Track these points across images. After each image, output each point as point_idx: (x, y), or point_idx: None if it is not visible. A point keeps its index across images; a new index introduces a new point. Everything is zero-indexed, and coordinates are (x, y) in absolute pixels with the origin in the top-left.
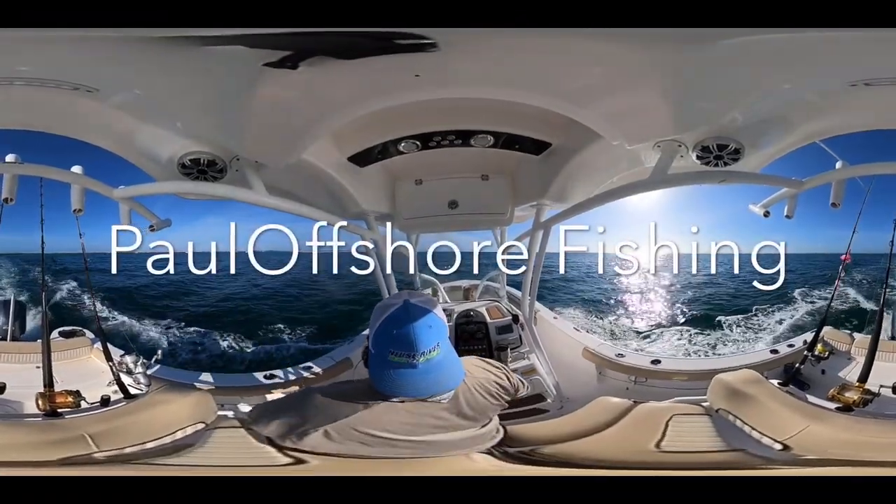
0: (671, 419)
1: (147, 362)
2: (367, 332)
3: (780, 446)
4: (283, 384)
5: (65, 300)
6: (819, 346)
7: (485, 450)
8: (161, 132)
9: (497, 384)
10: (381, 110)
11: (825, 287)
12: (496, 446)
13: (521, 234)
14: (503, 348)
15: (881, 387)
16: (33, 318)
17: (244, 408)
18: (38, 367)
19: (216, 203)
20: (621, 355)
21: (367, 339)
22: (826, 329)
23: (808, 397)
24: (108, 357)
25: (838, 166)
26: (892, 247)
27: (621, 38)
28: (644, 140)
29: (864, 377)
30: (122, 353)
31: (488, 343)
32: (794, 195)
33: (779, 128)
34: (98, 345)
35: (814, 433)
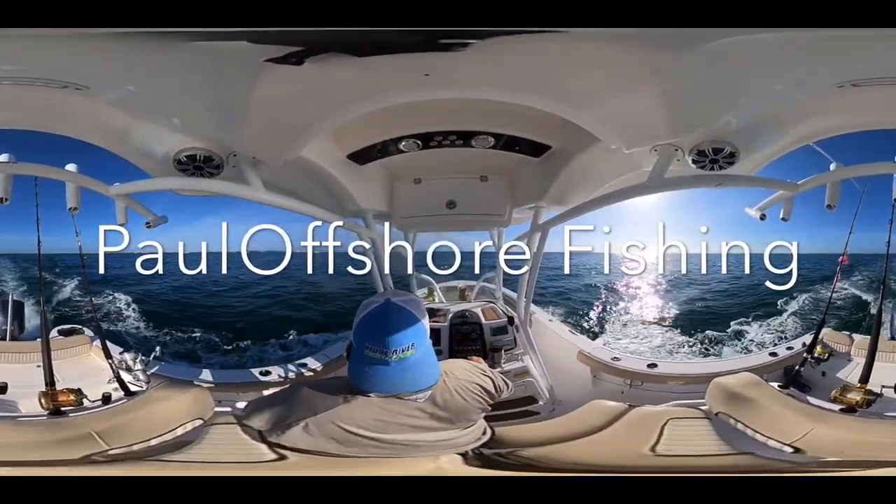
0: (667, 423)
1: (146, 359)
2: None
3: (790, 449)
4: (279, 381)
5: (72, 298)
6: (818, 348)
7: (468, 451)
8: (156, 128)
9: (479, 386)
10: (384, 109)
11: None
12: (481, 447)
13: (519, 236)
14: (497, 350)
15: (883, 387)
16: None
17: (241, 404)
18: (38, 366)
19: (216, 203)
20: (617, 359)
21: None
22: (825, 331)
23: (809, 399)
24: (108, 355)
25: (832, 168)
26: (889, 247)
27: (621, 39)
28: (642, 144)
29: (866, 378)
30: (120, 350)
31: (483, 344)
32: (790, 198)
33: (772, 130)
34: (97, 342)
35: (820, 435)
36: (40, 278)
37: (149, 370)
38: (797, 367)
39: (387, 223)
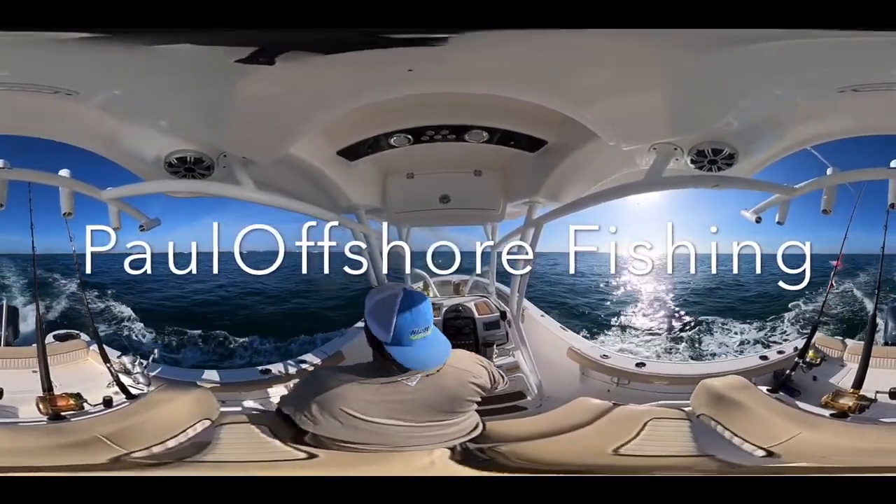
0: (648, 423)
1: (144, 362)
2: (370, 325)
3: (762, 452)
4: (280, 378)
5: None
6: (811, 353)
7: (461, 445)
8: (146, 132)
9: (474, 376)
10: (374, 104)
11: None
12: (471, 441)
13: (512, 231)
14: (489, 344)
15: (877, 393)
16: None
17: (249, 403)
18: (34, 372)
19: (214, 204)
20: (606, 356)
21: (369, 331)
22: (818, 335)
23: (798, 404)
24: (106, 358)
25: (829, 173)
26: (883, 251)
27: (623, 38)
28: (640, 142)
29: (859, 383)
30: (118, 353)
31: (475, 338)
32: (786, 201)
33: (772, 133)
34: (94, 347)
35: (806, 440)
36: (35, 283)
37: (148, 372)
38: (788, 372)
39: (385, 222)
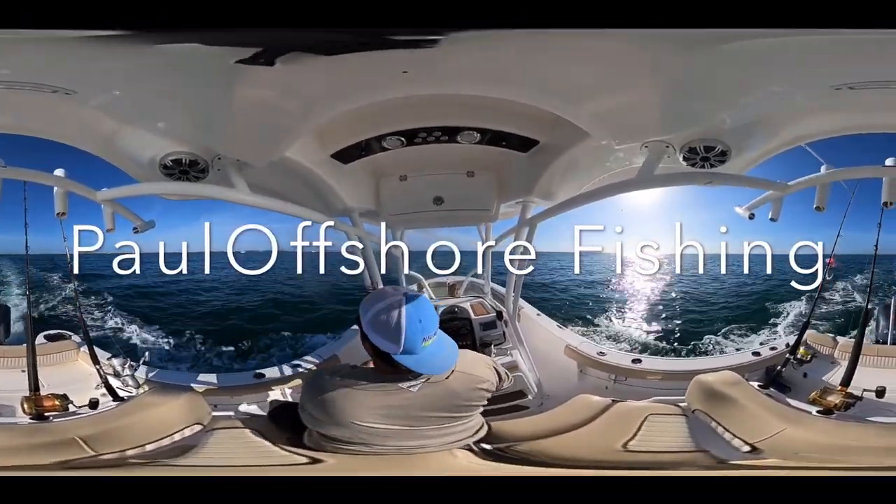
0: (646, 419)
1: (134, 364)
2: (373, 338)
3: (748, 448)
4: (274, 381)
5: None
6: (802, 350)
7: (466, 445)
8: (142, 133)
9: (481, 385)
10: (365, 106)
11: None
12: (477, 442)
13: (506, 231)
14: (487, 345)
15: (864, 391)
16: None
17: (243, 407)
18: (23, 371)
19: (215, 204)
20: (603, 353)
21: (367, 339)
22: (809, 332)
23: (788, 400)
24: (95, 360)
25: (823, 170)
26: (877, 250)
27: (614, 38)
28: (632, 140)
29: (847, 381)
30: (108, 355)
31: (472, 339)
32: (780, 198)
33: (765, 130)
34: (84, 348)
35: (789, 436)
36: (27, 282)
37: (137, 375)
38: (779, 368)
39: (383, 224)
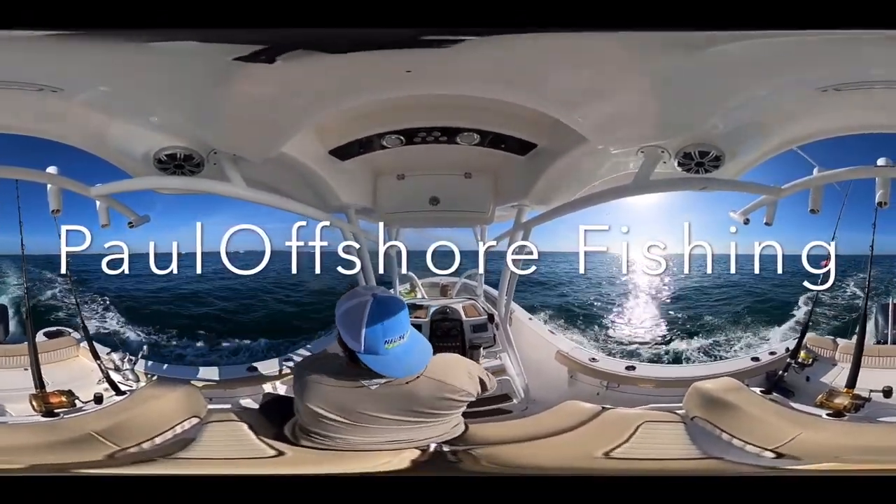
0: (641, 426)
1: (133, 359)
2: (341, 333)
3: (771, 454)
4: (267, 376)
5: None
6: (802, 353)
7: (439, 444)
8: (134, 128)
9: (450, 395)
10: (366, 104)
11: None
12: (450, 441)
13: (501, 234)
14: (476, 347)
15: (871, 391)
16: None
17: (236, 400)
18: (25, 370)
19: (212, 206)
20: (594, 360)
21: (340, 338)
22: (809, 335)
23: (791, 405)
24: (96, 355)
25: (815, 173)
26: (873, 250)
27: (611, 41)
28: (628, 145)
29: (852, 382)
30: (108, 350)
31: (462, 341)
32: (774, 202)
33: (757, 135)
34: (84, 344)
35: (808, 440)
36: (25, 281)
37: (137, 369)
38: (780, 372)
39: (381, 224)
